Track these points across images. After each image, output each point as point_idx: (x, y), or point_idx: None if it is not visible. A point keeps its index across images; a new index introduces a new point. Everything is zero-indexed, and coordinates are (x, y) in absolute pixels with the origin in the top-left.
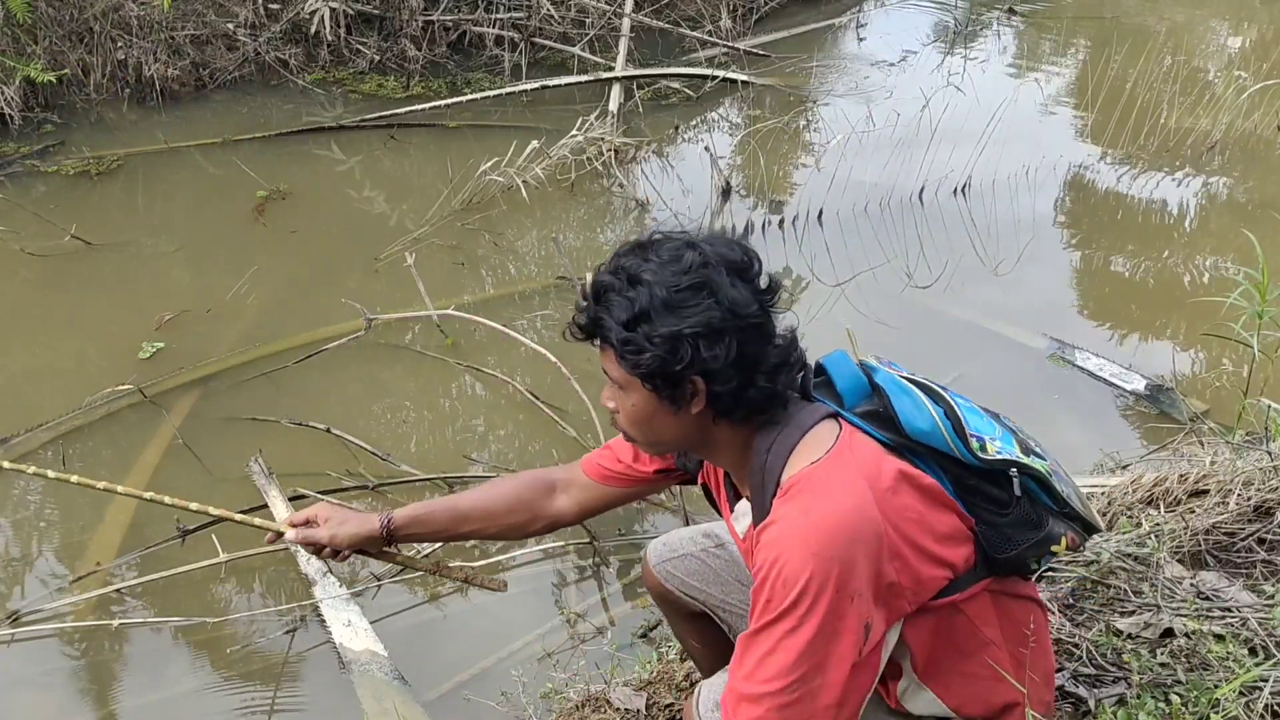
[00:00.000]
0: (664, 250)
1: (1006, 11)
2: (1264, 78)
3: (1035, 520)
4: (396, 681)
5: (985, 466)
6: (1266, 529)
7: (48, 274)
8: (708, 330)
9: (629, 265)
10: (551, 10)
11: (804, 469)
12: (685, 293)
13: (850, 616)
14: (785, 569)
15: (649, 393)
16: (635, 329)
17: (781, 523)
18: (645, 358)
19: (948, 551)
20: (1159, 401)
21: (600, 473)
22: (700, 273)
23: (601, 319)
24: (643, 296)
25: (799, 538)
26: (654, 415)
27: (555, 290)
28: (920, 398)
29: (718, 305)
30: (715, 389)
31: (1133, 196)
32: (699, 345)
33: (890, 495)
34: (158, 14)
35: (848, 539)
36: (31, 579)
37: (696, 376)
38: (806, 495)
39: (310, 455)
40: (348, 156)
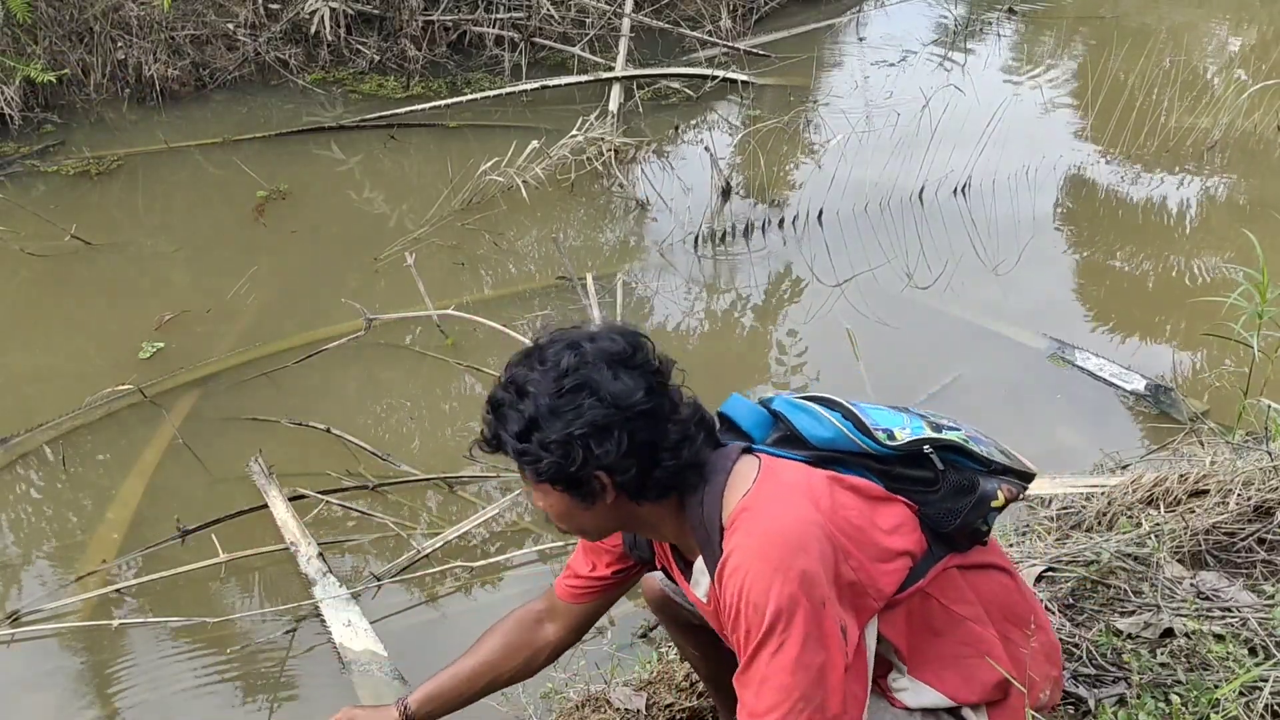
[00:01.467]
0: (547, 356)
1: (1006, 11)
2: (1264, 78)
3: (967, 485)
4: (396, 681)
5: (900, 452)
6: (1266, 529)
7: (48, 274)
8: (595, 429)
9: (517, 376)
10: (551, 10)
11: (739, 502)
12: (567, 397)
13: (827, 621)
14: (751, 593)
15: (560, 494)
16: (529, 439)
17: (735, 553)
18: (542, 465)
19: (899, 541)
20: (1159, 401)
21: (570, 594)
22: (579, 374)
23: (499, 434)
24: (530, 406)
25: (755, 559)
26: (573, 513)
27: (555, 290)
28: (817, 410)
29: (600, 403)
30: (620, 479)
31: (1132, 196)
32: (589, 445)
33: (827, 499)
34: (158, 14)
35: (798, 547)
36: (31, 579)
37: (598, 472)
38: (749, 520)
39: (310, 455)
40: (348, 156)
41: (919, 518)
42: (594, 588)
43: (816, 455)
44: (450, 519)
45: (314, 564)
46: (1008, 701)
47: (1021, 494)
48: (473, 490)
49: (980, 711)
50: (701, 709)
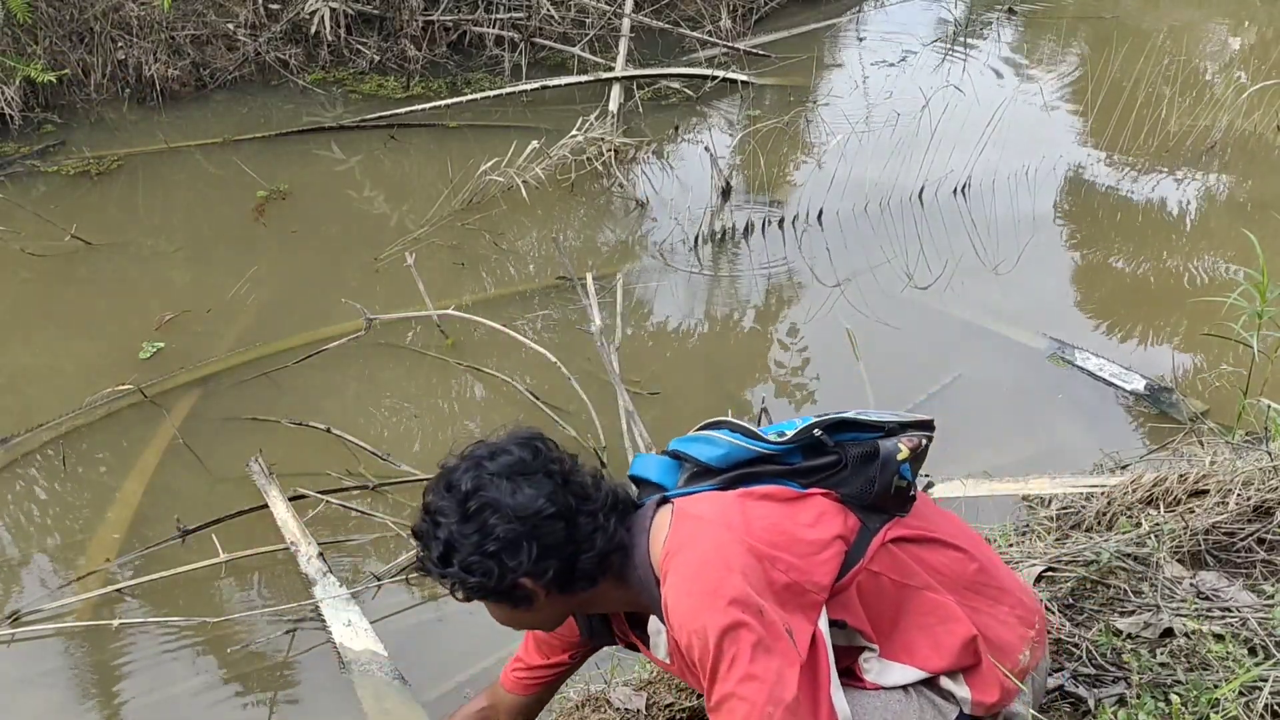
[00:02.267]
0: (454, 481)
1: (1006, 11)
2: (1264, 78)
3: (869, 452)
4: (396, 681)
5: (793, 444)
6: (1266, 529)
7: (48, 274)
8: (505, 544)
9: (431, 505)
10: (551, 10)
11: (662, 549)
12: (473, 520)
13: (770, 627)
14: (693, 626)
15: (496, 605)
16: (450, 564)
17: (668, 596)
18: (469, 584)
19: (823, 531)
20: (1159, 401)
21: (523, 685)
22: (480, 496)
23: (425, 563)
24: (444, 533)
25: (685, 595)
26: (515, 617)
27: (555, 290)
28: (708, 434)
29: (504, 519)
30: (544, 581)
31: (1132, 196)
32: (502, 559)
33: (739, 516)
34: (158, 14)
35: (721, 569)
36: (31, 579)
37: (521, 580)
38: (673, 560)
39: (310, 455)
40: (348, 156)
41: (842, 501)
42: (551, 675)
43: (725, 478)
44: None
45: (314, 564)
46: (983, 666)
47: (928, 440)
48: None
49: (958, 679)
50: (701, 709)
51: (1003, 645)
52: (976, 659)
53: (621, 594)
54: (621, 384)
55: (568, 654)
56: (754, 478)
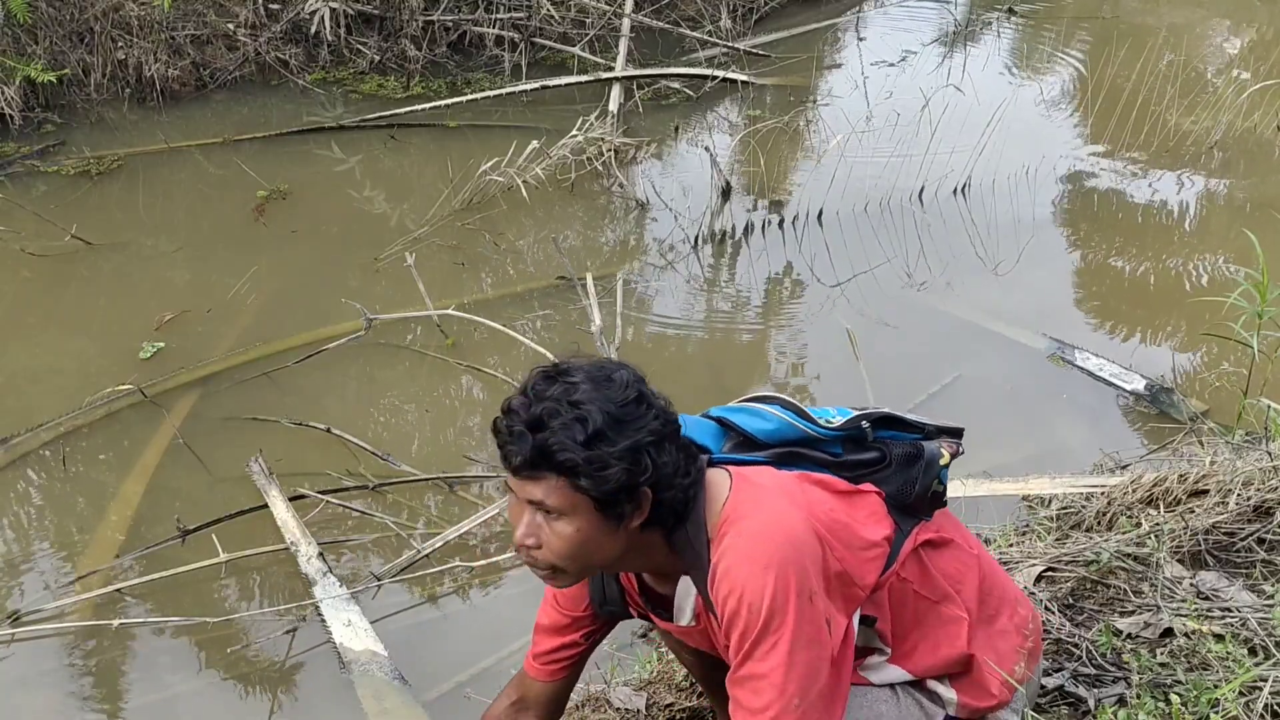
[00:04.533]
0: (584, 374)
1: (1006, 11)
2: (1264, 78)
3: (913, 453)
4: (396, 681)
5: (841, 432)
6: (1266, 529)
7: (48, 274)
8: (657, 440)
9: (557, 393)
10: (551, 10)
11: (721, 511)
12: (629, 407)
13: (817, 615)
14: (745, 593)
15: (594, 515)
16: (596, 448)
17: (725, 557)
18: (611, 473)
19: (875, 530)
20: (1159, 401)
21: (548, 671)
22: (635, 387)
23: (551, 444)
24: (597, 416)
25: (745, 560)
26: (595, 539)
27: (555, 290)
28: (756, 407)
29: (656, 416)
30: (660, 496)
31: (1133, 196)
32: (654, 455)
33: (802, 496)
34: (158, 14)
35: (787, 540)
36: (32, 579)
37: (647, 487)
38: (734, 525)
39: (310, 455)
40: (348, 156)
41: (883, 499)
42: (571, 657)
43: (772, 454)
44: (450, 519)
45: (314, 564)
46: (972, 674)
47: (960, 448)
48: (473, 490)
49: (944, 682)
50: (701, 709)
51: (999, 656)
52: (968, 669)
53: (662, 551)
54: None
55: (580, 633)
56: (798, 459)
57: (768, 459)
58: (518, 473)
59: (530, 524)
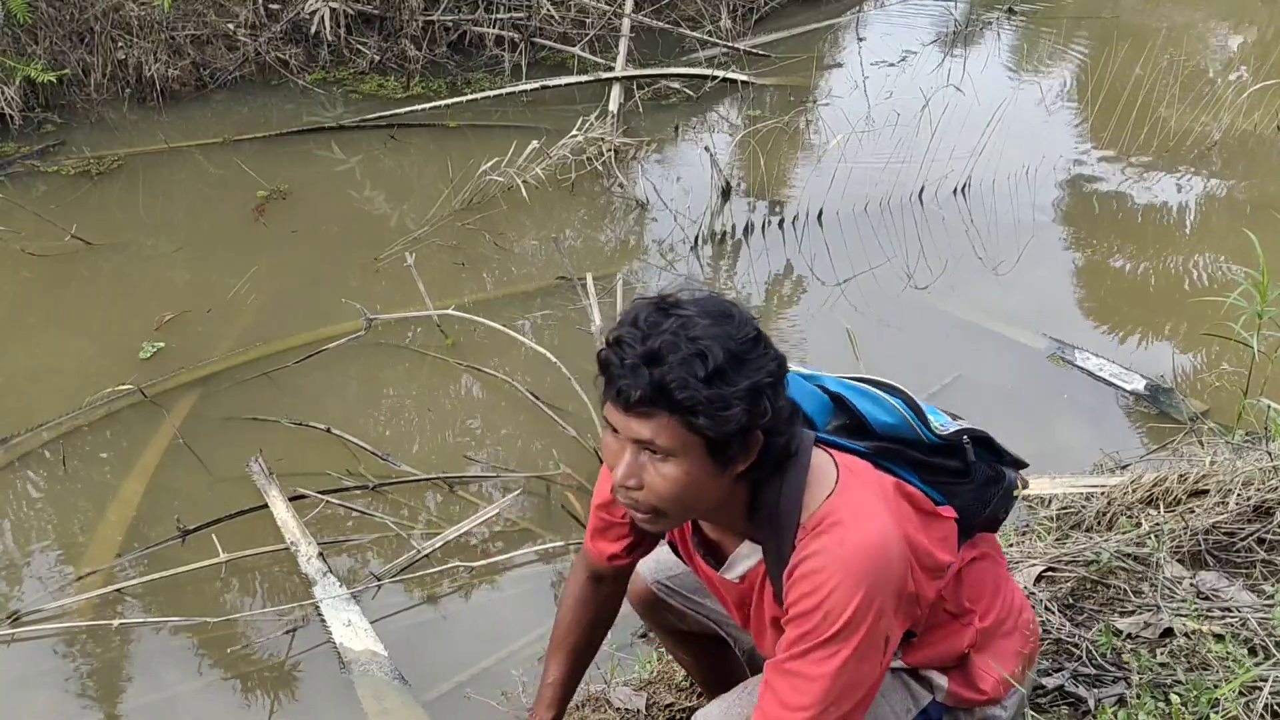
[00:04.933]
0: (699, 307)
1: (1006, 11)
2: (1264, 78)
3: (995, 476)
4: (396, 681)
5: (944, 442)
6: (1266, 529)
7: (48, 274)
8: (775, 382)
9: (673, 326)
10: (551, 10)
11: (823, 503)
12: (748, 345)
13: (880, 637)
14: (829, 601)
15: (704, 457)
16: (716, 386)
17: (820, 555)
18: (732, 413)
19: (946, 555)
20: (1159, 401)
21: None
22: (752, 326)
23: (670, 381)
24: (716, 353)
25: (842, 569)
26: (701, 482)
27: (555, 290)
28: (877, 394)
29: (773, 358)
30: (770, 440)
31: (1132, 196)
32: (771, 398)
33: (897, 508)
34: (158, 14)
35: (885, 561)
36: (32, 579)
37: (759, 431)
38: (839, 528)
39: (310, 455)
40: (348, 156)
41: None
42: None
43: (876, 447)
44: (450, 519)
45: (314, 564)
46: (966, 670)
47: (1027, 483)
48: (473, 490)
49: (936, 671)
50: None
51: (998, 658)
52: (962, 665)
53: (739, 511)
54: None
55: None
56: (896, 455)
57: (869, 450)
58: (629, 409)
59: (632, 464)
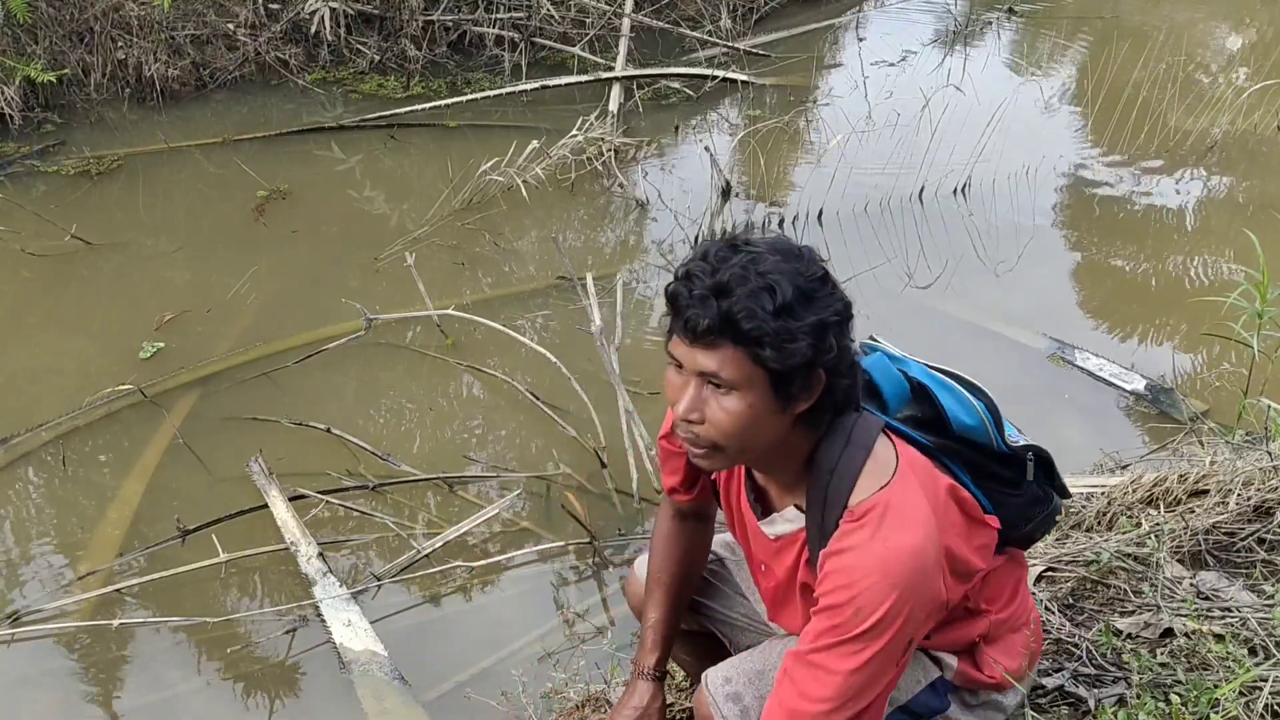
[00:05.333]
0: (769, 245)
1: (1006, 11)
2: (1264, 78)
3: (1043, 497)
4: (396, 681)
5: (1011, 453)
6: (1266, 529)
7: (48, 274)
8: (841, 321)
9: (743, 261)
10: (551, 10)
11: (875, 494)
12: (815, 283)
13: (905, 640)
14: (861, 597)
15: (767, 392)
16: (784, 319)
17: (859, 550)
18: (798, 347)
19: (981, 561)
20: (1159, 401)
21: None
22: (821, 266)
23: (737, 312)
24: (784, 287)
25: (880, 569)
26: (763, 418)
27: (555, 290)
28: (962, 393)
29: (840, 299)
30: (833, 381)
31: (1133, 196)
32: (837, 335)
33: (943, 515)
34: (158, 14)
35: (922, 569)
36: (32, 579)
37: (821, 370)
38: (884, 525)
39: (310, 455)
40: (348, 156)
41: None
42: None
43: (941, 443)
44: (450, 519)
45: (314, 564)
46: (975, 656)
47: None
48: (473, 490)
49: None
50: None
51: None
52: (971, 651)
53: (795, 468)
54: (621, 384)
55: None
56: (957, 454)
57: (932, 445)
58: (697, 340)
59: (696, 398)
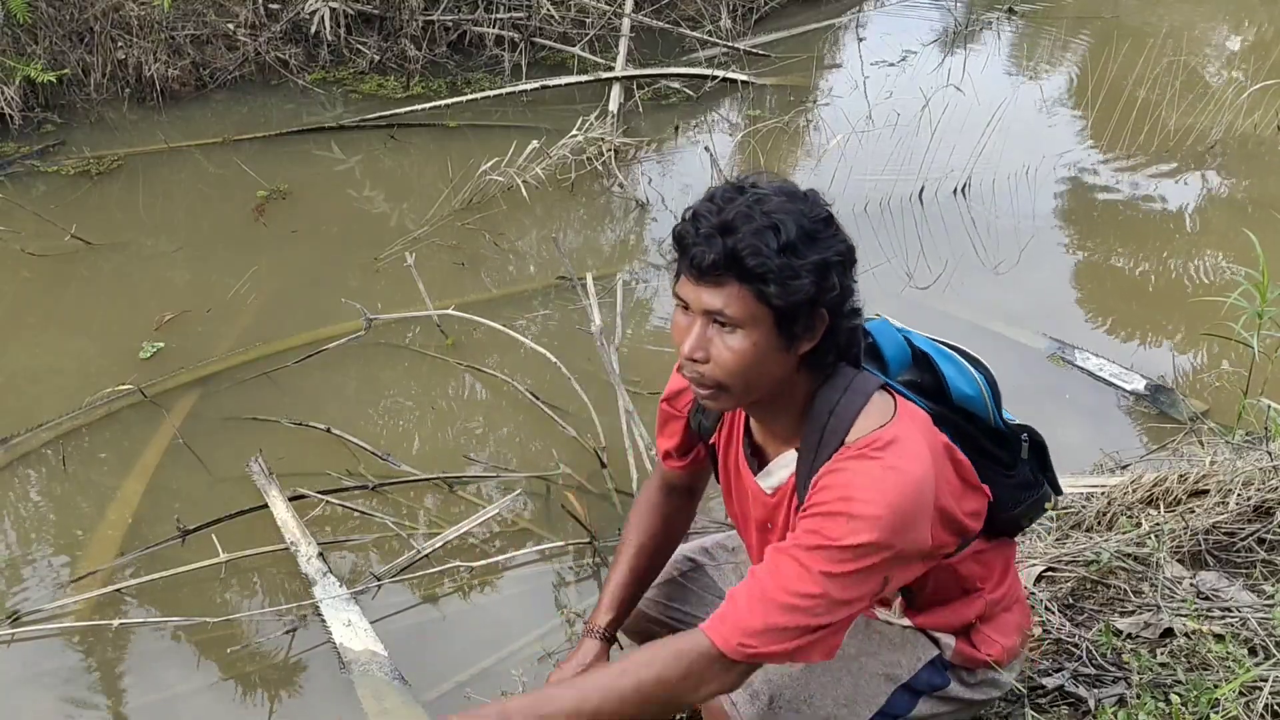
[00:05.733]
0: (774, 188)
1: (1006, 11)
2: (1264, 78)
3: (1033, 481)
4: (396, 681)
5: (1008, 430)
6: (1266, 529)
7: (48, 274)
8: (844, 260)
9: (748, 200)
10: (551, 10)
11: (874, 430)
12: (819, 224)
13: (884, 571)
14: (858, 508)
15: (771, 331)
16: (788, 256)
17: (858, 470)
18: (800, 284)
19: (969, 525)
20: (1159, 401)
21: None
22: (824, 208)
23: (742, 249)
24: (788, 226)
25: (877, 488)
26: (767, 357)
27: (555, 290)
28: (963, 364)
29: (843, 241)
30: (835, 323)
31: (1133, 196)
32: (839, 274)
33: (940, 468)
34: (158, 14)
35: (916, 503)
36: (31, 579)
37: (824, 310)
38: (885, 453)
39: (310, 455)
40: (348, 156)
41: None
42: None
43: (938, 411)
44: (450, 519)
45: (314, 564)
46: (971, 635)
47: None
48: (473, 490)
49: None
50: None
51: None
52: (968, 633)
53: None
54: (621, 384)
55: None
56: (954, 426)
57: (931, 411)
58: (702, 276)
59: (701, 336)
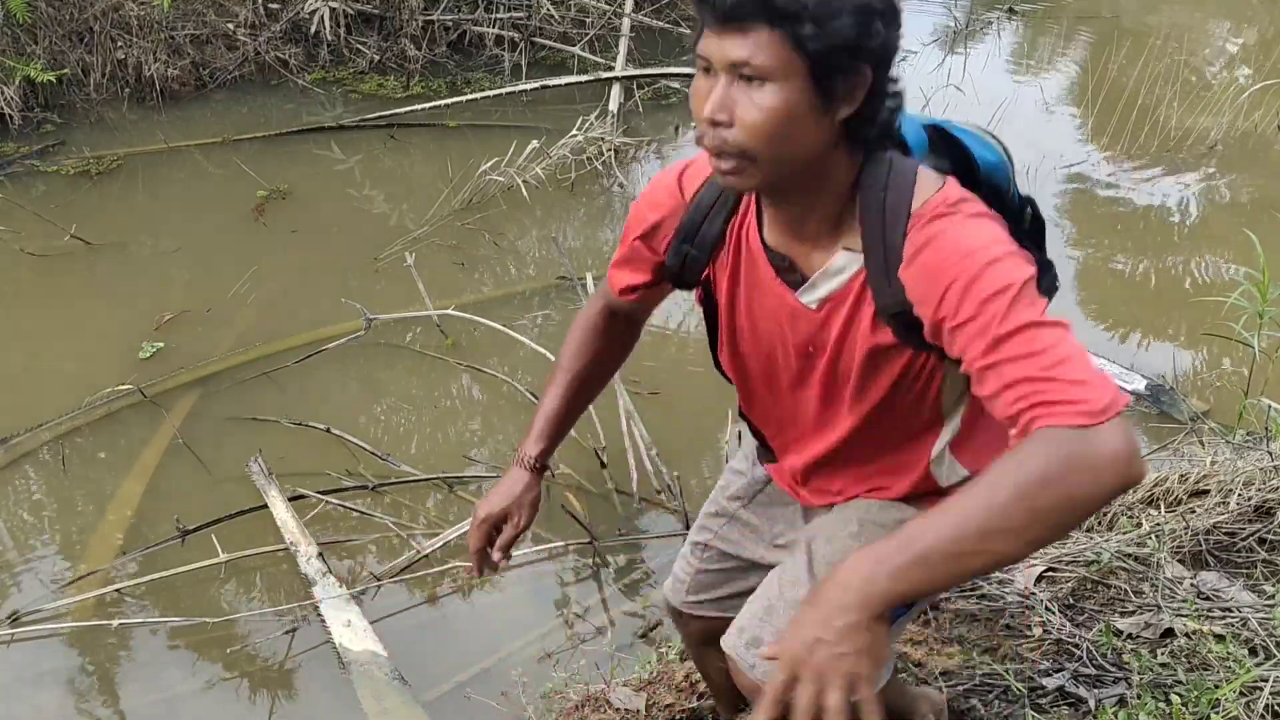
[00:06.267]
0: None
1: (1006, 11)
2: (1264, 78)
3: (1048, 265)
4: (396, 681)
5: (1022, 201)
6: (1267, 529)
7: (48, 274)
8: (889, 10)
9: None
10: (551, 10)
11: (935, 195)
12: None
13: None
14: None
15: (805, 85)
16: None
17: (950, 231)
18: (842, 24)
19: None
20: (1159, 401)
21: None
22: None
23: None
24: None
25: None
26: (801, 119)
27: (555, 290)
28: (981, 134)
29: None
30: (879, 82)
31: (1133, 196)
32: (885, 23)
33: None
34: (158, 14)
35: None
36: (31, 579)
37: (866, 66)
38: (960, 206)
39: (310, 455)
40: (348, 156)
41: None
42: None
43: None
44: (450, 519)
45: (314, 564)
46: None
47: None
48: (473, 490)
49: None
50: (701, 709)
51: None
52: None
53: (838, 198)
54: (621, 384)
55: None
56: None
57: None
58: (725, 22)
59: (724, 94)
